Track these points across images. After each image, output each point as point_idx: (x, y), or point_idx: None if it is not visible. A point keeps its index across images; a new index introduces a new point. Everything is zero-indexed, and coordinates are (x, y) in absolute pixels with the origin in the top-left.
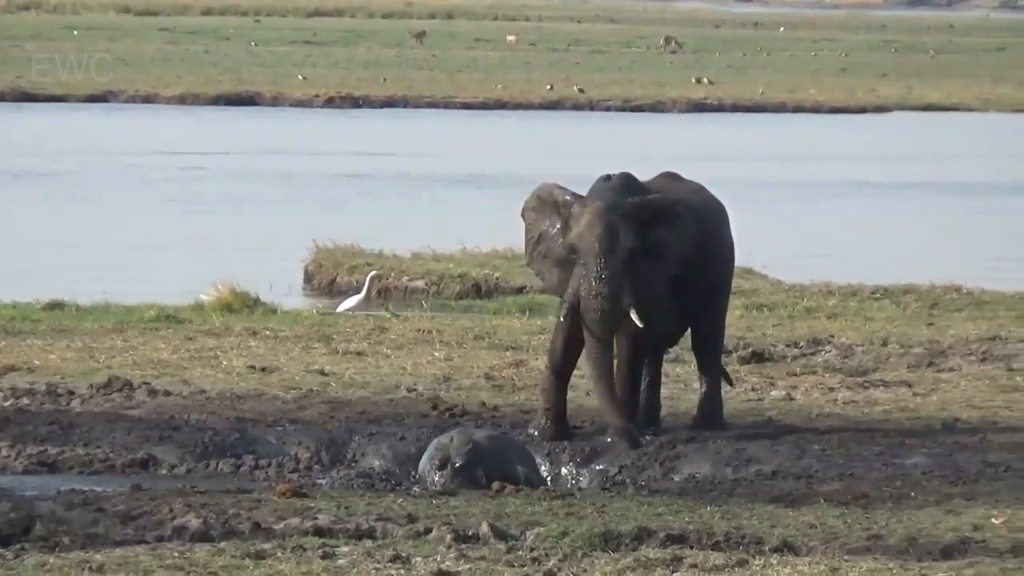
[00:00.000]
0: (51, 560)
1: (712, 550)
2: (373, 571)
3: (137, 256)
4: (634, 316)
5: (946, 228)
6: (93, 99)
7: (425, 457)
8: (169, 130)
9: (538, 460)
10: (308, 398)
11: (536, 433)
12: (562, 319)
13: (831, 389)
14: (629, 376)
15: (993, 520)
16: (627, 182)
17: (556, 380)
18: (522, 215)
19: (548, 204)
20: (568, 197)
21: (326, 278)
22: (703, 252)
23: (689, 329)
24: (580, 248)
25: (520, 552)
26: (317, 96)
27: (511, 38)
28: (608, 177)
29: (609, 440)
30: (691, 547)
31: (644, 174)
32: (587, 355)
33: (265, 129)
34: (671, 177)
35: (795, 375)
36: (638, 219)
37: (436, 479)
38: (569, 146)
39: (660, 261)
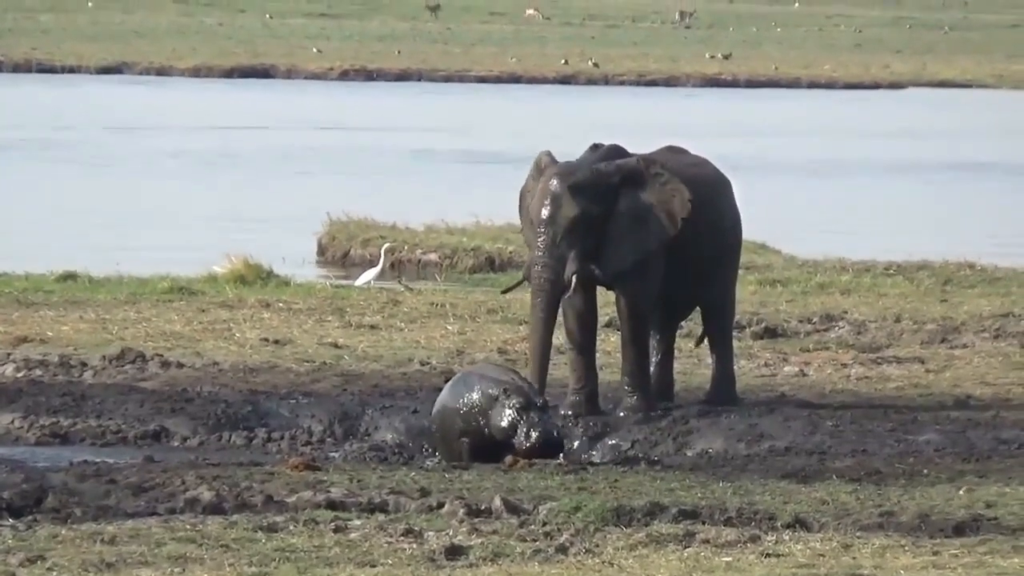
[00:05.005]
0: (63, 531)
1: (724, 526)
2: (385, 544)
3: (150, 228)
4: (575, 284)
5: (960, 205)
6: (107, 70)
7: (478, 400)
8: (183, 103)
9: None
10: (321, 371)
11: (570, 411)
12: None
13: (844, 365)
14: (635, 352)
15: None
16: (612, 152)
17: (582, 357)
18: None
19: (535, 169)
20: (545, 164)
21: (339, 251)
22: (701, 222)
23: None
24: (532, 218)
25: (532, 526)
26: (331, 69)
27: (530, 12)
28: (596, 147)
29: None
30: (703, 522)
31: (654, 149)
32: (530, 323)
33: (279, 102)
34: (674, 150)
35: (808, 351)
36: (598, 185)
37: (526, 427)
38: (583, 120)
39: (644, 223)
